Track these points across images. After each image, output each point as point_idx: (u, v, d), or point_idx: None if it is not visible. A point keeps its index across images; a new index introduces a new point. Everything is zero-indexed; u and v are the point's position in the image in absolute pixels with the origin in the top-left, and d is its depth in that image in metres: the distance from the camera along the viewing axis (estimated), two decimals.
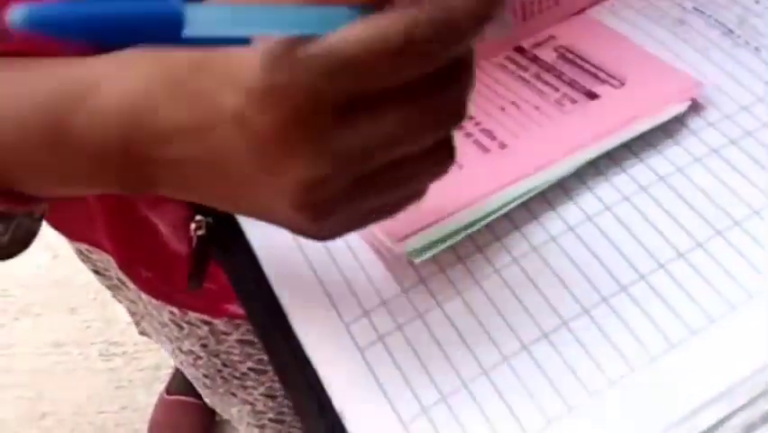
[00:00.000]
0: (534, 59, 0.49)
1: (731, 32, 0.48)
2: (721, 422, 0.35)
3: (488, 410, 0.37)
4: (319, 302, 0.41)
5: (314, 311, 0.41)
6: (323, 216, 0.30)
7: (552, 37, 0.50)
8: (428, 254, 0.40)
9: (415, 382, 0.38)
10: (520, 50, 0.50)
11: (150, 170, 0.31)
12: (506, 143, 0.44)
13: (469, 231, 0.41)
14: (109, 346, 1.60)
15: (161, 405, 1.49)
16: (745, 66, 0.46)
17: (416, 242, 0.40)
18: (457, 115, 0.29)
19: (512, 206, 0.42)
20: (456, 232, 0.41)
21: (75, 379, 1.57)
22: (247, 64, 0.27)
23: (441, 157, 0.31)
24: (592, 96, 0.46)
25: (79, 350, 1.60)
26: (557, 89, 0.47)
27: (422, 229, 0.41)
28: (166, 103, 0.30)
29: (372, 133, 0.28)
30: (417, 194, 0.32)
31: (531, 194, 0.42)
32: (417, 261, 0.40)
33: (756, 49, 0.47)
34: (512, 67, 0.49)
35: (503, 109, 0.47)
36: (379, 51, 0.26)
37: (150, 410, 1.49)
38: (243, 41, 0.25)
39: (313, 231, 0.32)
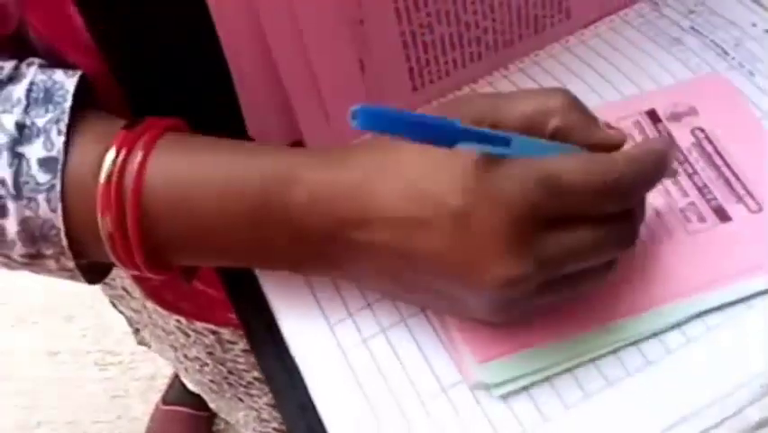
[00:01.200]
0: None
1: (726, 53, 0.49)
2: None
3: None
4: (306, 302, 0.43)
5: (301, 310, 0.43)
6: (507, 309, 0.35)
7: (692, 110, 0.47)
8: (500, 389, 0.39)
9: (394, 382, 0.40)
10: (654, 116, 0.47)
11: (346, 252, 0.36)
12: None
13: (546, 373, 0.39)
14: (105, 355, 1.60)
15: (157, 415, 1.49)
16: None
17: (492, 370, 0.39)
18: (631, 240, 0.36)
19: (597, 353, 0.40)
20: (535, 371, 0.39)
21: (70, 388, 1.57)
22: (477, 169, 0.33)
23: (608, 268, 0.37)
24: (724, 216, 0.43)
25: (75, 359, 1.60)
26: (686, 194, 0.44)
27: (499, 357, 0.39)
28: (388, 192, 0.34)
29: (567, 249, 0.34)
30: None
31: (623, 342, 0.40)
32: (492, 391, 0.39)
33: (750, 73, 0.48)
34: (641, 141, 0.45)
35: None
36: (594, 186, 0.33)
37: (145, 420, 1.50)
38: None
39: (489, 319, 0.37)
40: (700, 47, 0.50)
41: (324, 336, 0.42)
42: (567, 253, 0.34)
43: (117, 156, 0.36)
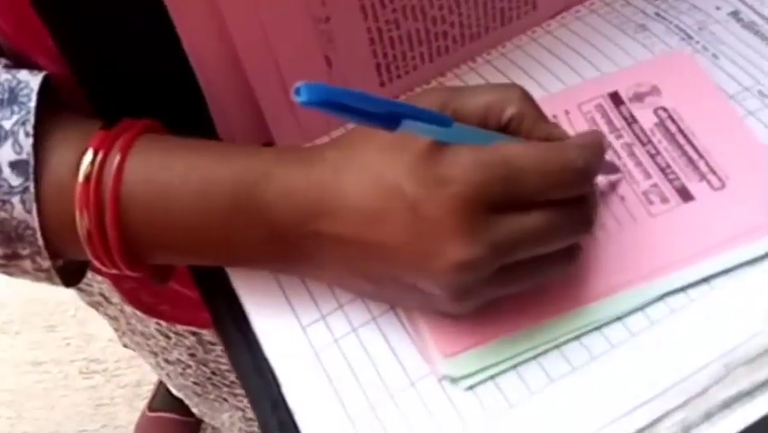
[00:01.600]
0: (631, 122, 0.46)
1: (690, 37, 0.50)
2: (654, 423, 0.38)
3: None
4: (278, 303, 0.44)
5: (272, 312, 0.44)
6: (465, 295, 0.36)
7: (655, 89, 0.47)
8: (467, 381, 0.40)
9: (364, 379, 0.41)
10: (616, 99, 0.47)
11: (315, 245, 0.37)
12: (581, 246, 0.41)
13: (512, 362, 0.40)
14: (89, 364, 1.60)
15: (143, 422, 1.49)
16: None
17: (459, 363, 0.40)
18: (587, 224, 0.38)
19: (562, 339, 0.40)
20: (501, 361, 0.40)
21: (55, 397, 1.57)
22: (428, 156, 0.34)
23: (569, 257, 0.38)
24: (686, 196, 0.43)
25: (59, 368, 1.60)
26: (649, 176, 0.44)
27: (466, 349, 0.40)
28: (353, 185, 0.35)
29: (519, 232, 0.34)
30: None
31: (587, 327, 0.40)
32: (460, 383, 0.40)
33: (714, 55, 0.49)
34: (603, 125, 0.47)
35: None
36: (545, 171, 0.34)
37: (131, 428, 1.50)
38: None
39: (451, 310, 0.38)
40: (665, 32, 0.51)
41: (296, 336, 0.43)
42: (520, 236, 0.34)
43: (96, 156, 0.37)
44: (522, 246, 0.35)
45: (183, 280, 0.49)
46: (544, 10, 0.52)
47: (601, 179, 0.44)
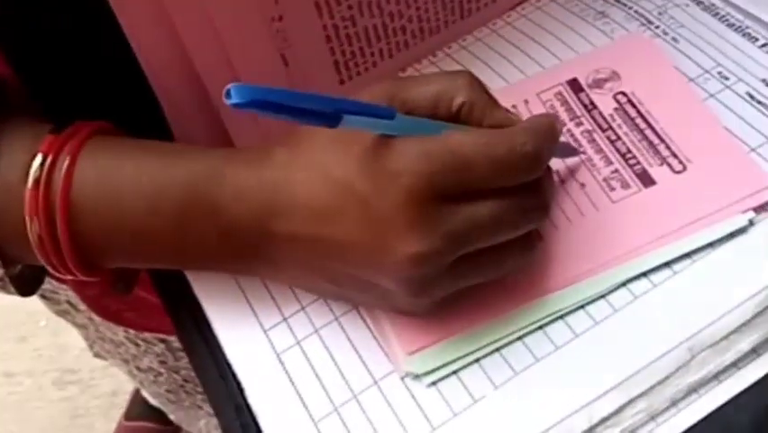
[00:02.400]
0: (590, 108, 0.47)
1: (650, 22, 0.50)
2: (619, 410, 0.38)
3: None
4: (240, 308, 0.44)
5: (234, 316, 0.44)
6: (423, 290, 0.36)
7: (614, 74, 0.48)
8: (430, 377, 0.40)
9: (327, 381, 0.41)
10: (576, 86, 0.48)
11: (270, 245, 0.37)
12: (542, 235, 0.43)
13: (475, 356, 0.40)
14: (63, 374, 1.59)
15: (121, 432, 1.48)
16: None
17: (422, 360, 0.40)
18: (543, 210, 0.38)
19: (524, 330, 0.41)
20: (464, 355, 0.40)
21: (29, 409, 1.56)
22: (375, 149, 0.34)
23: (527, 245, 0.38)
24: (648, 180, 0.44)
25: (32, 379, 1.59)
26: (609, 162, 0.45)
27: (428, 346, 0.40)
28: (302, 184, 0.35)
29: (472, 221, 0.34)
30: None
31: (550, 317, 0.41)
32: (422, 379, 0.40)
33: (674, 39, 0.49)
34: (563, 113, 0.47)
35: None
36: (494, 157, 0.34)
37: None
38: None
39: (411, 307, 0.38)
40: (625, 18, 0.51)
41: (258, 339, 0.43)
42: (474, 225, 0.34)
43: (44, 161, 0.37)
44: (476, 236, 0.35)
45: (147, 286, 0.49)
46: (504, 1, 0.53)
47: (559, 163, 0.45)
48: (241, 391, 0.42)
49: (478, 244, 0.35)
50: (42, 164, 0.37)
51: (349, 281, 0.38)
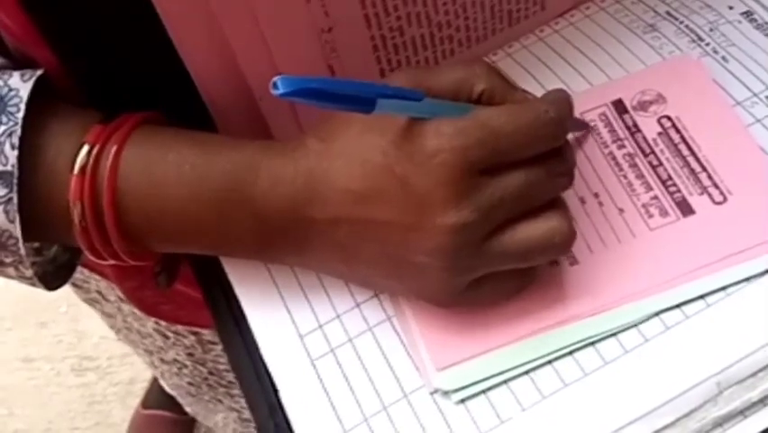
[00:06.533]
0: (634, 131, 0.48)
1: (700, 39, 0.51)
2: None
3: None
4: (278, 312, 0.47)
5: (272, 320, 0.47)
6: (457, 264, 0.39)
7: (660, 97, 0.49)
8: (459, 394, 0.42)
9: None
10: (620, 107, 0.49)
11: (308, 231, 0.41)
12: (577, 259, 0.44)
13: (505, 376, 0.42)
14: (82, 361, 1.62)
15: (137, 420, 1.52)
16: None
17: (453, 377, 0.42)
18: (568, 176, 0.41)
19: (555, 355, 0.42)
20: (494, 375, 0.42)
21: (47, 395, 1.59)
22: (410, 131, 0.37)
23: (555, 211, 0.40)
24: (687, 210, 0.45)
25: (51, 365, 1.62)
26: (650, 188, 0.46)
27: (459, 363, 0.42)
28: (339, 170, 0.39)
29: (506, 189, 0.38)
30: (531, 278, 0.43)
31: (581, 343, 0.42)
32: (453, 397, 0.42)
33: (724, 58, 0.50)
34: (605, 134, 0.48)
35: (583, 202, 0.47)
36: (521, 127, 0.38)
37: (125, 426, 1.52)
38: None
39: (440, 287, 0.40)
40: (675, 33, 0.51)
41: (294, 345, 0.45)
42: (507, 193, 0.38)
43: (92, 149, 0.41)
44: (510, 202, 0.38)
45: (186, 279, 0.52)
46: (553, 9, 0.54)
47: (597, 185, 0.47)
48: (275, 391, 0.44)
49: (512, 211, 0.39)
50: (89, 153, 0.41)
51: (383, 263, 0.41)
